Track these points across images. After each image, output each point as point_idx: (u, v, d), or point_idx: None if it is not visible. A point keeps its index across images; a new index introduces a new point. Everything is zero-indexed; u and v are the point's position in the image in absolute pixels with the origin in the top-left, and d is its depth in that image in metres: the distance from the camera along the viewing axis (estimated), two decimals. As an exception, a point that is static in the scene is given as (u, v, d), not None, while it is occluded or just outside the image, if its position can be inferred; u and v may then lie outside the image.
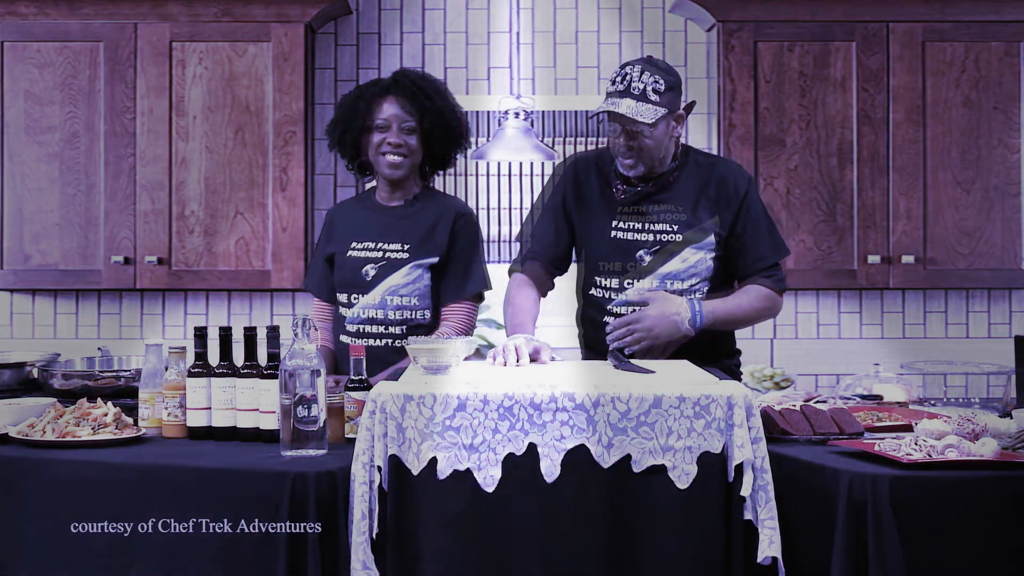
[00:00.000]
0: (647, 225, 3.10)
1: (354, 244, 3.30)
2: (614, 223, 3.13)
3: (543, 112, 4.45)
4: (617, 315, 3.09)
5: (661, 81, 3.00)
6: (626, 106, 2.97)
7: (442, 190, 4.35)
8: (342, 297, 3.31)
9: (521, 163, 4.44)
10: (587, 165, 3.22)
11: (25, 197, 4.14)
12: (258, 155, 4.14)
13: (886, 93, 4.13)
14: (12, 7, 4.12)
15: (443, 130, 3.28)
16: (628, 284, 3.10)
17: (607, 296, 3.14)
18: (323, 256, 3.38)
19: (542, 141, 4.28)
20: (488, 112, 4.45)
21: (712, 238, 3.10)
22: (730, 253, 3.14)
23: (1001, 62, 4.14)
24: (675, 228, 3.08)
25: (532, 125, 4.13)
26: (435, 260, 3.23)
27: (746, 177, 3.16)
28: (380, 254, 3.26)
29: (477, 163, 4.45)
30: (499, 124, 4.15)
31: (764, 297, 3.14)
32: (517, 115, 4.05)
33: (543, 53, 4.50)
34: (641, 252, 3.09)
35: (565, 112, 4.47)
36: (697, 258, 3.09)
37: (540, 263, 3.23)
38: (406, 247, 3.25)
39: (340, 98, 3.39)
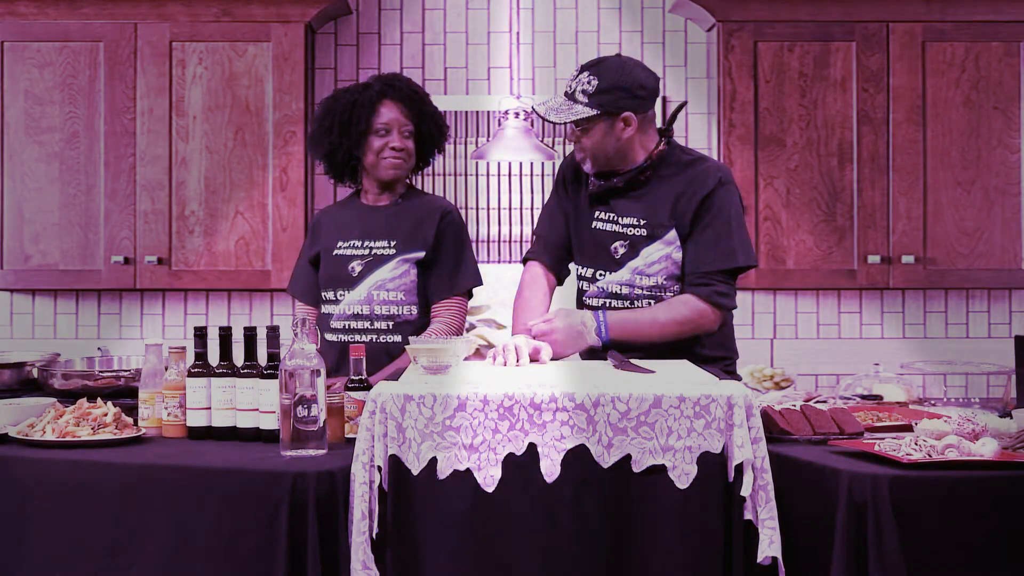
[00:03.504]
0: (617, 219, 3.10)
1: (340, 243, 3.32)
2: (595, 215, 3.14)
3: (543, 112, 4.44)
4: (589, 307, 3.11)
5: (595, 82, 2.98)
6: (548, 104, 3.03)
7: (442, 190, 4.38)
8: (327, 294, 3.32)
9: (521, 163, 4.44)
10: None
11: (25, 197, 4.14)
12: (258, 155, 4.14)
13: (886, 93, 4.13)
14: (12, 7, 4.12)
15: (437, 133, 3.35)
16: (600, 276, 3.11)
17: (583, 287, 3.18)
18: (308, 259, 3.39)
19: (542, 141, 4.28)
20: (488, 112, 4.45)
21: (673, 233, 3.04)
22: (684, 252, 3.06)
23: (1001, 62, 4.14)
24: (641, 223, 3.07)
25: (532, 125, 4.13)
26: (421, 255, 3.25)
27: (717, 177, 3.04)
28: (367, 251, 3.28)
29: (477, 163, 4.44)
30: (499, 124, 4.15)
31: (690, 310, 2.98)
32: (517, 115, 4.05)
33: (543, 53, 4.50)
34: (616, 245, 3.10)
35: (565, 112, 4.46)
36: (661, 253, 3.06)
37: (551, 252, 3.25)
38: (392, 243, 3.27)
39: (323, 104, 3.34)
